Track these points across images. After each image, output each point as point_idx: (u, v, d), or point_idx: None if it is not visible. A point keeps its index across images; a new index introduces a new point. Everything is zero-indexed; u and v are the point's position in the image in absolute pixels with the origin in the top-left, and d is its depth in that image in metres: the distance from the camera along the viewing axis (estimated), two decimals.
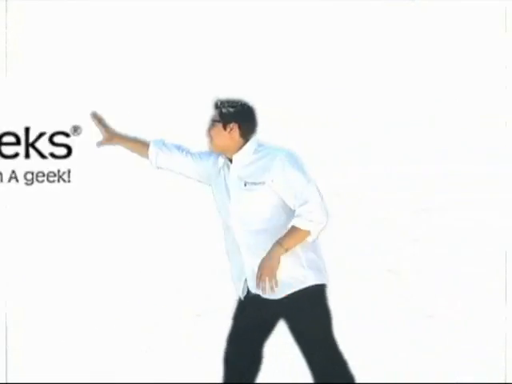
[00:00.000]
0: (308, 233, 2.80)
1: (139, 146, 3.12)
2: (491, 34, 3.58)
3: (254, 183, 2.89)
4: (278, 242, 2.81)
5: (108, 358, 3.65)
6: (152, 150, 3.08)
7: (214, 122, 2.97)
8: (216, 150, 2.98)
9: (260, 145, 2.98)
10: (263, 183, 2.86)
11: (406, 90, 3.55)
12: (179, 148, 3.11)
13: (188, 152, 3.10)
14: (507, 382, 3.53)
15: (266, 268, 2.77)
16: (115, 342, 3.69)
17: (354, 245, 3.71)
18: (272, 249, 2.81)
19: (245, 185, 2.89)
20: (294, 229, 2.81)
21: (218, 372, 3.05)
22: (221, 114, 2.96)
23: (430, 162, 3.64)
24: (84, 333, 3.70)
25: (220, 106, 2.98)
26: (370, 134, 3.60)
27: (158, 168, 3.14)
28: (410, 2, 3.59)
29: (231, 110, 2.96)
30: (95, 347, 3.69)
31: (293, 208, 2.89)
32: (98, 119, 3.05)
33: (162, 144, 3.11)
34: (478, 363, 3.54)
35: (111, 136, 3.08)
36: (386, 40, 3.55)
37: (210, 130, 2.97)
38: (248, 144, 2.97)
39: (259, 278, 2.77)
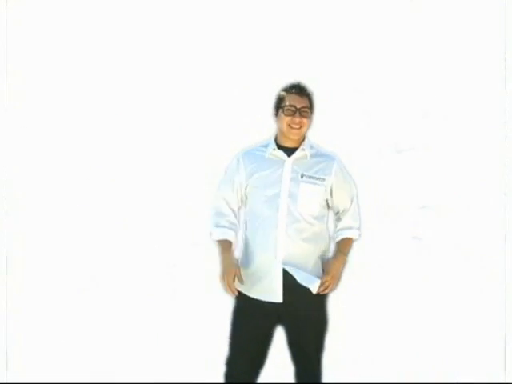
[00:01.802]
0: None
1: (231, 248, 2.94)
2: (490, 32, 3.60)
3: (313, 177, 2.89)
4: (342, 253, 2.96)
5: (108, 358, 3.66)
6: (230, 234, 2.94)
7: (308, 109, 2.91)
8: (298, 138, 2.89)
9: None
10: (322, 180, 2.88)
11: (404, 85, 3.56)
12: (230, 212, 2.97)
13: (233, 199, 2.96)
14: (507, 382, 3.54)
15: (336, 278, 2.89)
16: (115, 342, 3.69)
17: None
18: (338, 259, 2.95)
19: (301, 177, 2.88)
20: (348, 239, 2.99)
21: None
22: (311, 103, 2.91)
23: (431, 158, 3.64)
24: (84, 332, 3.70)
25: (310, 93, 2.92)
26: (368, 132, 3.61)
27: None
28: (408, 2, 3.61)
29: (313, 99, 2.93)
30: (95, 347, 3.69)
31: (339, 209, 2.94)
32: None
33: (225, 228, 2.96)
34: (477, 363, 3.55)
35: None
36: (384, 40, 3.56)
37: (303, 117, 2.87)
38: (307, 139, 2.96)
39: (327, 283, 2.84)
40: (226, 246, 2.93)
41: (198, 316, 3.66)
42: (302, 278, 2.84)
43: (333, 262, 2.94)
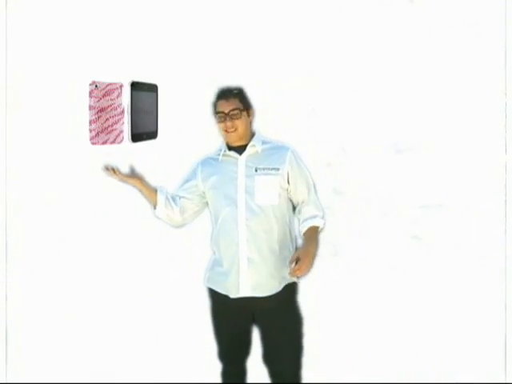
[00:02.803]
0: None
1: (151, 192, 3.04)
2: (491, 32, 3.60)
3: (267, 168, 2.92)
4: (312, 239, 2.90)
5: (108, 358, 3.66)
6: (160, 198, 3.03)
7: (237, 110, 2.93)
8: (237, 139, 2.94)
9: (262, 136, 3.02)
10: (277, 169, 2.90)
11: (404, 85, 3.56)
12: (175, 198, 3.07)
13: (181, 195, 3.05)
14: (507, 382, 3.54)
15: (309, 256, 2.78)
16: (115, 342, 3.69)
17: (353, 242, 3.71)
18: (309, 244, 2.86)
19: (255, 170, 2.91)
20: (315, 228, 2.95)
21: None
22: (242, 102, 2.95)
23: (431, 158, 3.64)
24: (84, 332, 3.70)
25: (238, 93, 2.95)
26: (368, 132, 3.61)
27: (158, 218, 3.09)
28: (408, 2, 3.61)
29: (246, 96, 2.96)
30: (95, 347, 3.69)
31: (298, 199, 2.96)
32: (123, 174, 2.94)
33: (168, 197, 3.06)
34: (477, 363, 3.55)
35: (133, 177, 2.99)
36: (384, 39, 3.56)
37: (234, 120, 2.92)
38: (258, 134, 3.00)
39: (300, 267, 2.76)
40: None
41: (197, 317, 3.66)
42: (256, 285, 2.87)
43: (304, 248, 2.88)
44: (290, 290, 2.98)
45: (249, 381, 3.15)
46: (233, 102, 2.92)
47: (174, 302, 3.67)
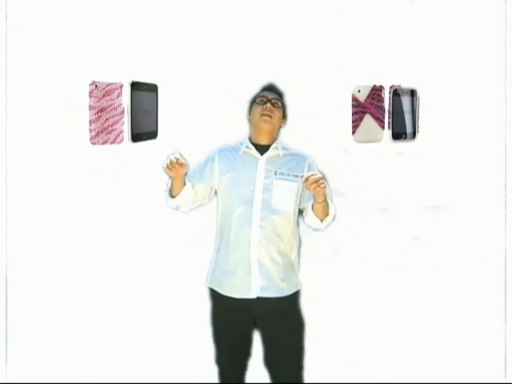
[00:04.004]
0: (325, 217, 2.87)
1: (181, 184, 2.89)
2: (491, 32, 3.60)
3: (287, 174, 2.90)
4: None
5: (108, 358, 3.65)
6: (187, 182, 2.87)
7: (278, 102, 2.94)
8: (268, 131, 2.91)
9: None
10: (296, 176, 2.88)
11: (404, 85, 3.58)
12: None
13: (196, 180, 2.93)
14: (507, 382, 3.54)
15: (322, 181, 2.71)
16: (115, 342, 3.68)
17: (353, 242, 3.70)
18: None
19: (275, 174, 2.89)
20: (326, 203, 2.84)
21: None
22: (282, 103, 2.95)
23: (431, 158, 3.63)
24: (84, 332, 3.70)
25: (281, 93, 2.96)
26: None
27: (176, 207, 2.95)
28: (408, 3, 3.62)
29: (286, 103, 2.97)
30: (95, 347, 3.68)
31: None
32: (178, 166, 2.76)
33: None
34: (478, 363, 3.54)
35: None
36: (384, 40, 3.56)
37: (274, 108, 2.90)
38: (279, 139, 2.98)
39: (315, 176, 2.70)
40: None
41: (197, 316, 3.66)
42: (265, 286, 2.85)
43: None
44: (294, 295, 2.97)
45: (249, 381, 3.15)
46: (276, 96, 2.93)
47: (174, 302, 3.67)
